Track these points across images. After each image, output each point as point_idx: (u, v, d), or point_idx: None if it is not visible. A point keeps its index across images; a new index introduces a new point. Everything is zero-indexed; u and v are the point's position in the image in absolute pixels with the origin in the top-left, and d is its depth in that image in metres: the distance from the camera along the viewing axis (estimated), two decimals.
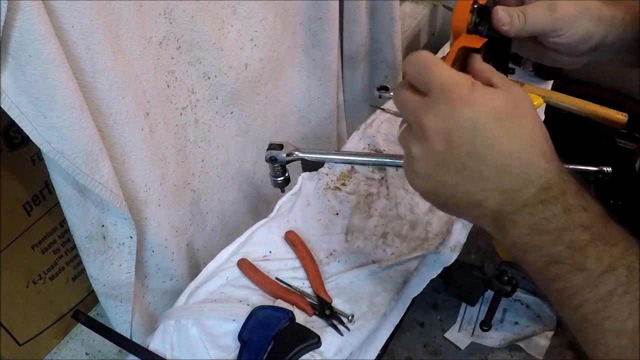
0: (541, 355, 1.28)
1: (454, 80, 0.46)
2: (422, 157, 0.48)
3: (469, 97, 0.45)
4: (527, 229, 0.46)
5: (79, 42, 0.63)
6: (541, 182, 0.45)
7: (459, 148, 0.46)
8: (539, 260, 0.46)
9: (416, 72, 0.48)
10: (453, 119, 0.45)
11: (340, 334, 0.72)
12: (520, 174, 0.45)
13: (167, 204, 0.86)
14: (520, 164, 0.45)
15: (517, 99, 0.47)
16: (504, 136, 0.45)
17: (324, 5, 1.10)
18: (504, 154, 0.45)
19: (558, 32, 0.62)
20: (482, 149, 0.45)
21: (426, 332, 1.30)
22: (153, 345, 0.74)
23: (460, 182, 0.47)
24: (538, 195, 0.45)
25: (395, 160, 0.93)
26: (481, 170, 0.46)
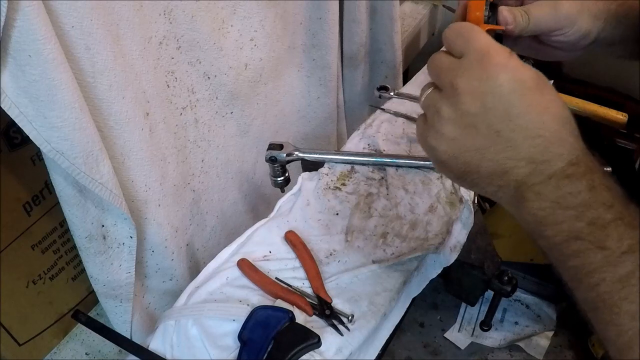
0: (541, 355, 1.29)
1: (493, 46, 0.46)
2: (452, 119, 0.47)
3: (507, 62, 0.45)
4: (550, 202, 0.45)
5: (79, 42, 0.63)
6: (570, 157, 0.45)
7: (492, 111, 0.45)
8: (559, 235, 0.45)
9: (456, 35, 0.48)
10: (490, 81, 0.45)
11: (340, 334, 0.72)
12: (551, 146, 0.45)
13: (167, 204, 0.86)
14: (551, 136, 0.45)
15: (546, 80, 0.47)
16: (538, 106, 0.45)
17: (324, 5, 1.10)
18: (537, 124, 0.45)
19: (561, 31, 0.62)
20: (516, 115, 0.45)
21: (426, 332, 1.31)
22: (153, 345, 0.74)
23: (489, 148, 0.46)
24: (565, 169, 0.45)
25: (395, 160, 0.93)
26: (513, 137, 0.45)
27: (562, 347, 1.31)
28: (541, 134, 0.45)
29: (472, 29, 0.47)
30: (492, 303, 0.99)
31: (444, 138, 0.48)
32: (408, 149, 0.98)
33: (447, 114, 0.47)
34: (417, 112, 1.05)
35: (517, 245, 1.29)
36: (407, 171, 0.93)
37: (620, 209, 0.44)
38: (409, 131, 1.02)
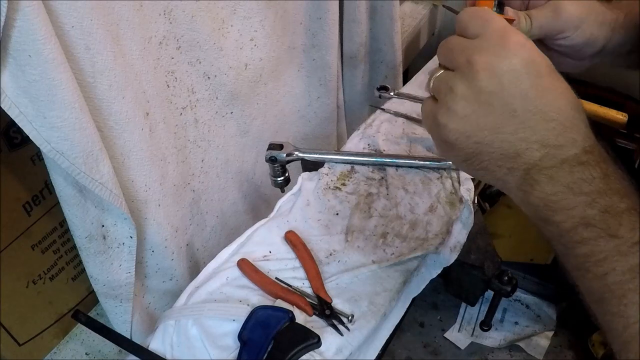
0: (541, 355, 1.28)
1: (510, 28, 0.46)
2: (466, 95, 0.45)
3: (526, 42, 0.45)
4: (563, 187, 0.44)
5: (79, 42, 0.63)
6: (584, 144, 0.44)
7: (510, 90, 0.44)
8: (569, 221, 0.44)
9: (472, 16, 0.47)
10: (508, 59, 0.44)
11: (340, 334, 0.72)
12: (566, 131, 0.44)
13: (167, 204, 0.86)
14: (566, 121, 0.45)
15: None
16: (555, 91, 0.45)
17: (324, 5, 1.10)
18: (553, 107, 0.44)
19: (563, 35, 0.62)
20: (533, 97, 0.44)
21: (426, 332, 1.31)
22: (153, 345, 0.74)
23: (503, 127, 0.45)
24: (579, 156, 0.44)
25: (395, 160, 0.93)
26: (528, 118, 0.44)
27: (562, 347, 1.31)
28: (556, 118, 0.44)
29: (489, 11, 0.48)
30: (492, 303, 0.99)
31: (456, 115, 0.46)
32: (408, 149, 0.98)
33: (461, 90, 0.46)
34: (417, 112, 1.06)
35: (517, 245, 1.29)
36: (407, 171, 0.92)
37: (634, 200, 0.43)
38: (409, 131, 1.02)
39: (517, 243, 1.28)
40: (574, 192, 0.44)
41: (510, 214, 1.27)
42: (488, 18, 0.46)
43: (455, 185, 0.90)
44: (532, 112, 0.44)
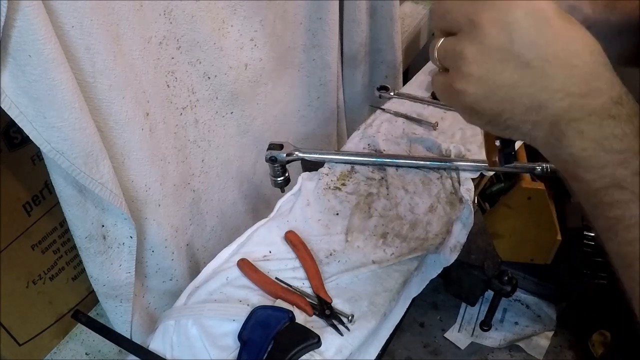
0: (541, 355, 1.29)
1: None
2: (478, 56, 0.43)
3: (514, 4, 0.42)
4: (593, 143, 0.42)
5: (79, 42, 0.63)
6: (611, 93, 0.41)
7: (520, 41, 0.42)
8: (599, 181, 0.42)
9: None
10: (514, 11, 0.42)
11: (340, 334, 0.72)
12: (588, 78, 0.42)
13: (167, 204, 0.86)
14: (586, 67, 0.42)
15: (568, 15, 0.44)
16: (567, 34, 0.42)
17: (324, 5, 1.10)
18: (570, 52, 0.42)
19: None
20: (545, 44, 0.42)
21: (426, 332, 1.31)
22: (153, 345, 0.74)
23: (521, 81, 0.43)
24: (609, 107, 0.41)
25: (395, 160, 0.93)
26: (545, 66, 0.42)
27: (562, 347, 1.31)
28: (575, 63, 0.42)
29: None
30: (492, 303, 0.99)
31: (472, 79, 0.44)
32: (408, 149, 0.98)
33: (471, 52, 0.44)
34: (417, 112, 1.06)
35: (517, 245, 1.29)
36: (407, 171, 0.92)
37: None
38: (409, 131, 1.02)
39: (517, 243, 1.28)
40: (604, 148, 0.41)
41: (510, 214, 1.27)
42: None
43: (455, 185, 0.90)
44: (548, 60, 0.42)
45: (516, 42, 0.42)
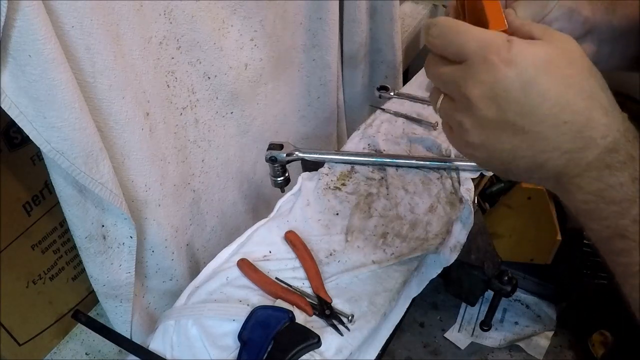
0: (541, 355, 1.29)
1: (488, 41, 0.43)
2: (474, 127, 0.45)
3: (509, 56, 0.42)
4: (593, 196, 0.43)
5: (79, 42, 0.63)
6: (605, 142, 0.42)
7: (510, 110, 0.43)
8: (604, 231, 0.43)
9: (445, 43, 0.46)
10: (498, 83, 0.43)
11: (340, 334, 0.72)
12: (581, 131, 0.42)
13: (167, 204, 0.86)
14: (578, 119, 0.42)
15: (563, 47, 0.44)
16: (556, 89, 0.42)
17: (324, 5, 1.10)
18: (559, 108, 0.42)
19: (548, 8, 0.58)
20: (534, 107, 0.42)
21: (426, 332, 1.31)
22: (153, 345, 0.74)
23: (518, 146, 0.44)
24: (603, 157, 0.42)
25: (395, 160, 0.93)
26: (538, 130, 0.43)
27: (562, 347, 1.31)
28: (566, 119, 0.42)
29: (457, 29, 0.45)
30: (492, 303, 0.99)
31: (473, 146, 0.47)
32: (408, 149, 0.98)
33: (468, 124, 0.46)
34: (417, 112, 1.06)
35: (517, 245, 1.29)
36: (407, 171, 0.93)
37: None
38: (409, 131, 1.02)
39: (517, 243, 1.28)
40: (605, 200, 0.42)
41: (510, 214, 1.27)
42: (460, 42, 0.44)
43: (455, 185, 0.90)
44: (539, 122, 0.43)
45: (507, 112, 0.43)
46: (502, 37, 0.44)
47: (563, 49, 0.44)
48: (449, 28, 0.45)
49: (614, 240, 0.43)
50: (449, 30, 0.45)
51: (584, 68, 0.44)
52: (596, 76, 0.44)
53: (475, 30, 0.44)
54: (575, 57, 0.44)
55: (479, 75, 0.43)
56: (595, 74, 0.44)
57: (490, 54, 0.43)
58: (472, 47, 0.44)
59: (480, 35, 0.44)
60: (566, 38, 0.44)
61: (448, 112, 0.48)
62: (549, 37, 0.45)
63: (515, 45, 0.43)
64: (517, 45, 0.43)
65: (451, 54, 0.45)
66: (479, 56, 0.43)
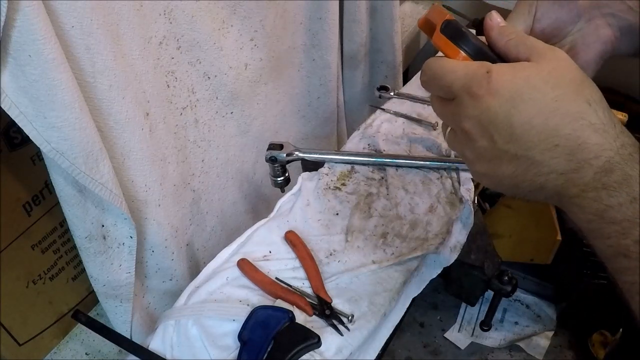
0: (541, 355, 1.29)
1: (469, 76, 0.45)
2: (475, 158, 0.48)
3: (489, 87, 0.44)
4: (594, 216, 0.43)
5: (79, 42, 0.63)
6: (599, 162, 0.42)
7: (500, 140, 0.45)
8: (608, 250, 0.43)
9: (436, 86, 0.48)
10: (484, 114, 0.44)
11: (340, 334, 0.72)
12: (573, 154, 0.42)
13: (167, 204, 0.86)
14: (568, 143, 0.42)
15: (548, 67, 0.44)
16: (540, 116, 0.43)
17: (324, 5, 1.10)
18: (546, 134, 0.43)
19: None
20: (521, 135, 0.43)
21: (426, 332, 1.31)
22: (153, 345, 0.74)
23: (517, 172, 0.45)
24: (599, 178, 0.42)
25: (395, 160, 0.93)
26: (530, 155, 0.44)
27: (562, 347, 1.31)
28: (556, 143, 0.43)
29: (443, 70, 0.47)
30: (492, 303, 0.99)
31: (480, 175, 0.49)
32: (408, 149, 0.98)
33: (469, 155, 0.48)
34: (417, 112, 1.06)
35: (517, 245, 1.29)
36: (407, 171, 0.92)
37: None
38: (409, 131, 1.02)
39: (517, 243, 1.28)
40: (606, 220, 0.43)
41: (510, 214, 1.27)
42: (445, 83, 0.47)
43: (455, 185, 0.90)
44: (531, 148, 0.44)
45: (498, 141, 0.45)
46: (483, 68, 0.45)
47: (548, 70, 0.44)
48: (435, 71, 0.48)
49: (618, 259, 0.43)
50: (436, 73, 0.48)
51: (571, 87, 0.44)
52: (584, 92, 0.44)
53: (458, 66, 0.46)
54: (561, 76, 0.44)
55: (468, 110, 0.45)
56: (584, 90, 0.44)
57: (472, 88, 0.45)
58: (458, 85, 0.46)
59: (463, 72, 0.46)
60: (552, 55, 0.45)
61: (454, 145, 0.50)
62: (536, 56, 0.45)
63: (494, 75, 0.44)
64: (496, 75, 0.44)
65: (444, 95, 0.48)
66: (465, 92, 0.45)
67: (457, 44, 0.49)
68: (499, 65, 0.45)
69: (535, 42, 0.46)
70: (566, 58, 0.45)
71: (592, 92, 0.44)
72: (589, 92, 0.44)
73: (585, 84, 0.44)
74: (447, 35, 0.50)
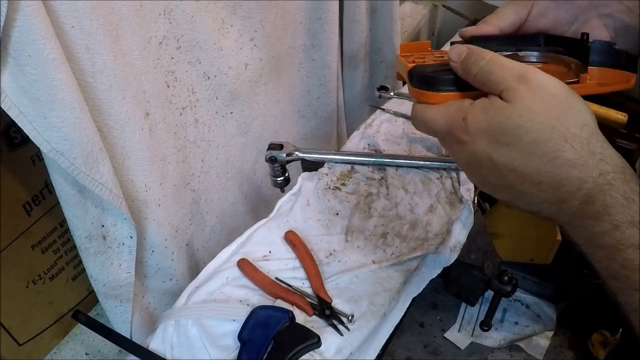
0: (541, 355, 1.29)
1: (449, 124, 0.48)
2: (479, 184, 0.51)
3: (468, 133, 0.46)
4: (585, 239, 0.45)
5: (79, 42, 0.63)
6: (581, 194, 0.44)
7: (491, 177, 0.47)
8: (602, 271, 0.46)
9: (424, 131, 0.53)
10: (471, 156, 0.47)
11: (340, 334, 0.72)
12: (557, 188, 0.44)
13: (167, 204, 0.86)
14: (551, 179, 0.44)
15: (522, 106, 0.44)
16: (520, 157, 0.45)
17: (324, 5, 1.10)
18: (529, 172, 0.45)
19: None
20: (508, 173, 0.46)
21: (426, 332, 1.30)
22: (153, 345, 0.74)
23: (514, 199, 0.48)
24: (584, 208, 0.44)
25: (395, 160, 0.93)
26: (521, 188, 0.46)
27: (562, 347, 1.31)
28: (540, 180, 0.45)
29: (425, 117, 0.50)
30: (492, 303, 0.99)
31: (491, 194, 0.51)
32: (408, 149, 0.98)
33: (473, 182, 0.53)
34: None
35: (517, 245, 1.28)
36: (407, 171, 0.92)
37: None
38: (409, 131, 1.02)
39: (517, 243, 1.28)
40: (595, 246, 0.45)
41: (510, 214, 1.27)
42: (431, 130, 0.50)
43: (455, 185, 0.90)
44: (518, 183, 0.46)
45: (489, 177, 0.48)
46: (460, 115, 0.47)
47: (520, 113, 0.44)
48: (420, 119, 0.52)
49: (610, 280, 0.45)
50: (421, 121, 0.51)
51: (545, 126, 0.44)
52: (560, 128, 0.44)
53: (439, 114, 0.49)
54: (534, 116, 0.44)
55: (456, 153, 0.49)
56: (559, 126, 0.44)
57: (455, 134, 0.48)
58: (443, 132, 0.49)
59: (443, 119, 0.49)
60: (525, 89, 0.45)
61: None
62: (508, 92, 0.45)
63: (470, 123, 0.46)
64: (472, 123, 0.46)
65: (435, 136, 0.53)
66: (450, 138, 0.49)
67: (430, 89, 0.51)
68: (473, 110, 0.47)
69: (501, 73, 0.46)
70: (540, 87, 0.45)
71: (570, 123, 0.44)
72: (566, 125, 0.44)
73: (562, 116, 0.44)
74: (417, 86, 0.52)
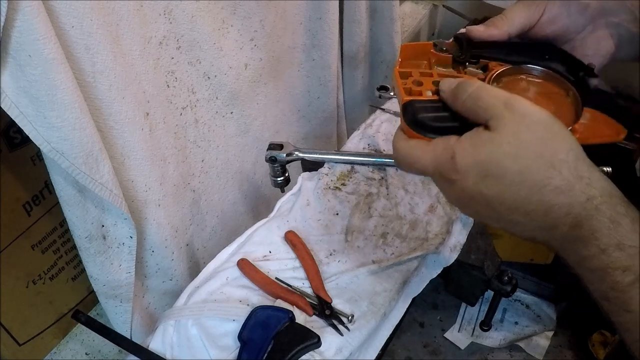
0: (541, 355, 1.28)
1: (437, 164, 0.48)
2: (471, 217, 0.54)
3: (457, 171, 0.46)
4: (576, 263, 0.46)
5: (79, 42, 0.63)
6: (569, 219, 0.45)
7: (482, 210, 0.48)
8: (595, 292, 0.46)
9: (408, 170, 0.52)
10: (461, 193, 0.48)
11: (340, 334, 0.72)
12: (547, 214, 0.45)
13: (167, 204, 0.86)
14: (540, 206, 0.45)
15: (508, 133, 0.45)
16: (510, 188, 0.45)
17: (324, 5, 1.10)
18: (519, 202, 0.45)
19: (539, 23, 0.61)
20: (499, 205, 0.46)
21: (426, 332, 1.30)
22: (153, 345, 0.74)
23: (507, 227, 0.49)
24: (573, 232, 0.45)
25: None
26: (512, 218, 0.47)
27: (562, 347, 1.31)
28: (529, 209, 0.45)
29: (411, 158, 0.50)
30: (492, 303, 0.99)
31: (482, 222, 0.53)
32: None
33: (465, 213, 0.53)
34: None
35: (517, 245, 1.28)
36: None
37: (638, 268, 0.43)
38: None
39: (517, 243, 1.28)
40: (584, 268, 0.46)
41: None
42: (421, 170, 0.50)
43: None
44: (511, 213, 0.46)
45: (481, 211, 0.48)
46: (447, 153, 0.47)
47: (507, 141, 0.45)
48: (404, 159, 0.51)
49: (602, 302, 0.46)
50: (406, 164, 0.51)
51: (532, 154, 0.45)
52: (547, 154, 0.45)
53: (426, 153, 0.49)
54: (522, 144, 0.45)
55: (447, 192, 0.50)
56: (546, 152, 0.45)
57: (444, 174, 0.48)
58: (431, 172, 0.49)
59: (430, 159, 0.49)
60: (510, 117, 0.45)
61: None
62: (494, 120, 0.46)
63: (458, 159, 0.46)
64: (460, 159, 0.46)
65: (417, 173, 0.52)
66: (439, 177, 0.49)
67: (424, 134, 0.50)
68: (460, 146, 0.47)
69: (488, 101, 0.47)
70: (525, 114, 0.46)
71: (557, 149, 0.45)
72: (553, 151, 0.45)
73: (548, 143, 0.45)
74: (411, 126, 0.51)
